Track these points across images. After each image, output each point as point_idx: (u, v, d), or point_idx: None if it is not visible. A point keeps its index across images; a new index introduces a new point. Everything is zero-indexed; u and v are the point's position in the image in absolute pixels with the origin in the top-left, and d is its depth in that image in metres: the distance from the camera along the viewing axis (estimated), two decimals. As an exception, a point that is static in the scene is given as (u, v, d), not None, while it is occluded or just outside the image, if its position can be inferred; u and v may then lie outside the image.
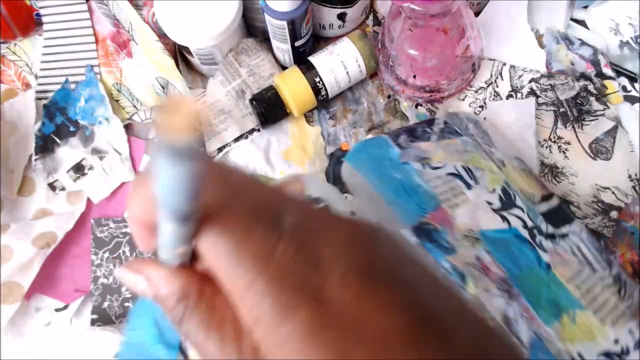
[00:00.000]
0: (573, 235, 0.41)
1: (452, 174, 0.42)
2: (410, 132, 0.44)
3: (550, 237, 0.41)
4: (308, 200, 0.21)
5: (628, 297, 0.40)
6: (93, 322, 0.47)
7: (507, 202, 0.41)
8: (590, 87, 0.48)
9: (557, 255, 0.40)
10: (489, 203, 0.41)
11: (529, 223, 0.41)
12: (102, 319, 0.47)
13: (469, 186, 0.42)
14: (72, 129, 0.51)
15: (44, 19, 0.53)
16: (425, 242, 0.39)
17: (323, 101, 0.51)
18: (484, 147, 0.44)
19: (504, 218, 0.41)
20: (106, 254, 0.49)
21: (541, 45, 0.50)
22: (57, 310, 0.47)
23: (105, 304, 0.47)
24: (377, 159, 0.43)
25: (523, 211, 0.41)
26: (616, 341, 0.38)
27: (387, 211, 0.41)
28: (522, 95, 0.49)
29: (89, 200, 0.50)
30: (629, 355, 0.38)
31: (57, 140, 0.51)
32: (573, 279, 0.39)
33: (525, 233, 0.41)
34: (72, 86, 0.52)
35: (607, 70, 0.49)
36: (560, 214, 0.42)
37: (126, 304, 0.47)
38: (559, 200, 0.43)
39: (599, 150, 0.48)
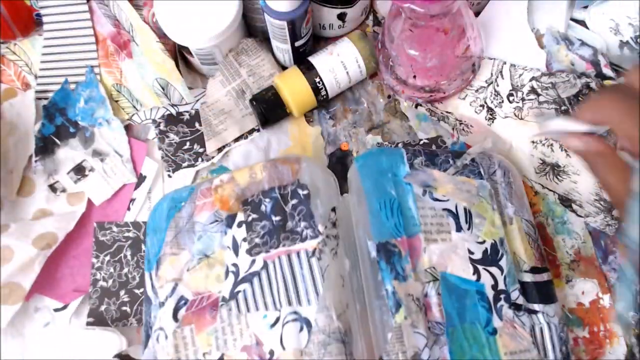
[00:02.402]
0: (543, 316, 0.40)
1: (449, 211, 0.42)
2: (431, 158, 0.44)
3: (516, 307, 0.40)
4: None
5: None
6: (88, 325, 0.47)
7: (491, 258, 0.41)
8: (593, 84, 0.48)
9: (511, 326, 0.39)
10: (471, 252, 0.41)
11: (501, 286, 0.40)
12: (98, 322, 0.47)
13: (459, 229, 0.41)
14: (71, 130, 0.51)
15: (44, 19, 0.53)
16: (381, 259, 0.40)
17: (323, 101, 0.51)
18: (499, 198, 0.43)
19: (476, 270, 0.40)
20: (107, 257, 0.48)
21: (541, 46, 0.50)
22: (56, 310, 0.47)
23: (102, 307, 0.47)
24: (382, 169, 0.43)
25: (502, 273, 0.41)
26: None
27: (364, 219, 0.41)
28: (522, 94, 0.49)
29: (89, 200, 0.50)
30: None
31: (57, 141, 0.51)
32: (514, 354, 0.39)
33: (490, 293, 0.40)
34: (72, 86, 0.52)
35: (607, 71, 0.49)
36: (543, 290, 0.41)
37: (123, 308, 0.47)
38: (550, 278, 0.42)
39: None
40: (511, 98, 0.49)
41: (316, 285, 0.39)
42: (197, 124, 0.52)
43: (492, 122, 0.50)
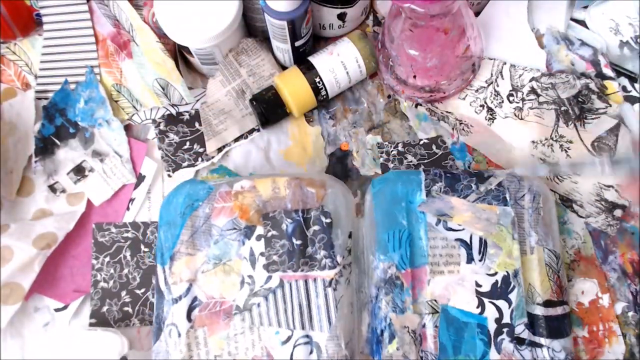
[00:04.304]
0: (548, 350, 0.40)
1: (462, 241, 0.42)
2: (452, 183, 0.43)
3: (518, 341, 0.40)
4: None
5: None
6: (91, 326, 0.47)
7: (500, 290, 0.41)
8: (592, 85, 0.48)
9: None
10: (478, 285, 0.41)
11: (505, 319, 0.40)
12: (100, 322, 0.47)
13: (470, 260, 0.41)
14: (71, 130, 0.51)
15: (44, 19, 0.53)
16: (381, 292, 0.41)
17: (323, 101, 0.51)
18: (524, 225, 0.42)
19: (481, 303, 0.41)
20: (107, 259, 0.48)
21: (541, 46, 0.51)
22: (57, 310, 0.47)
23: (104, 308, 0.47)
24: (397, 197, 0.43)
25: (509, 306, 0.41)
26: None
27: (373, 245, 0.43)
28: (522, 95, 0.49)
29: (89, 200, 0.50)
30: None
31: (57, 141, 0.51)
32: None
33: (492, 327, 0.40)
34: (72, 87, 0.52)
35: (607, 71, 0.49)
36: (554, 325, 0.41)
37: (125, 309, 0.47)
38: (566, 312, 0.42)
39: (602, 148, 0.48)
40: (511, 98, 0.50)
41: (329, 315, 0.41)
42: (197, 124, 0.52)
43: (492, 122, 0.50)
